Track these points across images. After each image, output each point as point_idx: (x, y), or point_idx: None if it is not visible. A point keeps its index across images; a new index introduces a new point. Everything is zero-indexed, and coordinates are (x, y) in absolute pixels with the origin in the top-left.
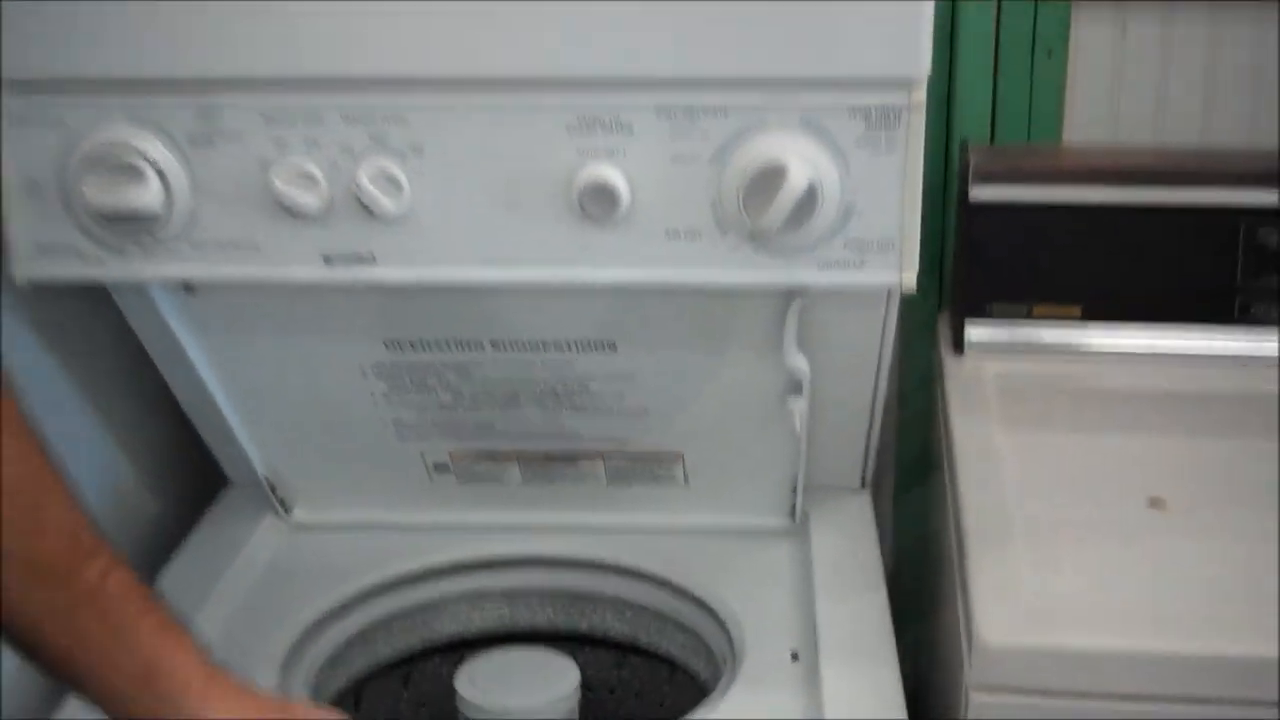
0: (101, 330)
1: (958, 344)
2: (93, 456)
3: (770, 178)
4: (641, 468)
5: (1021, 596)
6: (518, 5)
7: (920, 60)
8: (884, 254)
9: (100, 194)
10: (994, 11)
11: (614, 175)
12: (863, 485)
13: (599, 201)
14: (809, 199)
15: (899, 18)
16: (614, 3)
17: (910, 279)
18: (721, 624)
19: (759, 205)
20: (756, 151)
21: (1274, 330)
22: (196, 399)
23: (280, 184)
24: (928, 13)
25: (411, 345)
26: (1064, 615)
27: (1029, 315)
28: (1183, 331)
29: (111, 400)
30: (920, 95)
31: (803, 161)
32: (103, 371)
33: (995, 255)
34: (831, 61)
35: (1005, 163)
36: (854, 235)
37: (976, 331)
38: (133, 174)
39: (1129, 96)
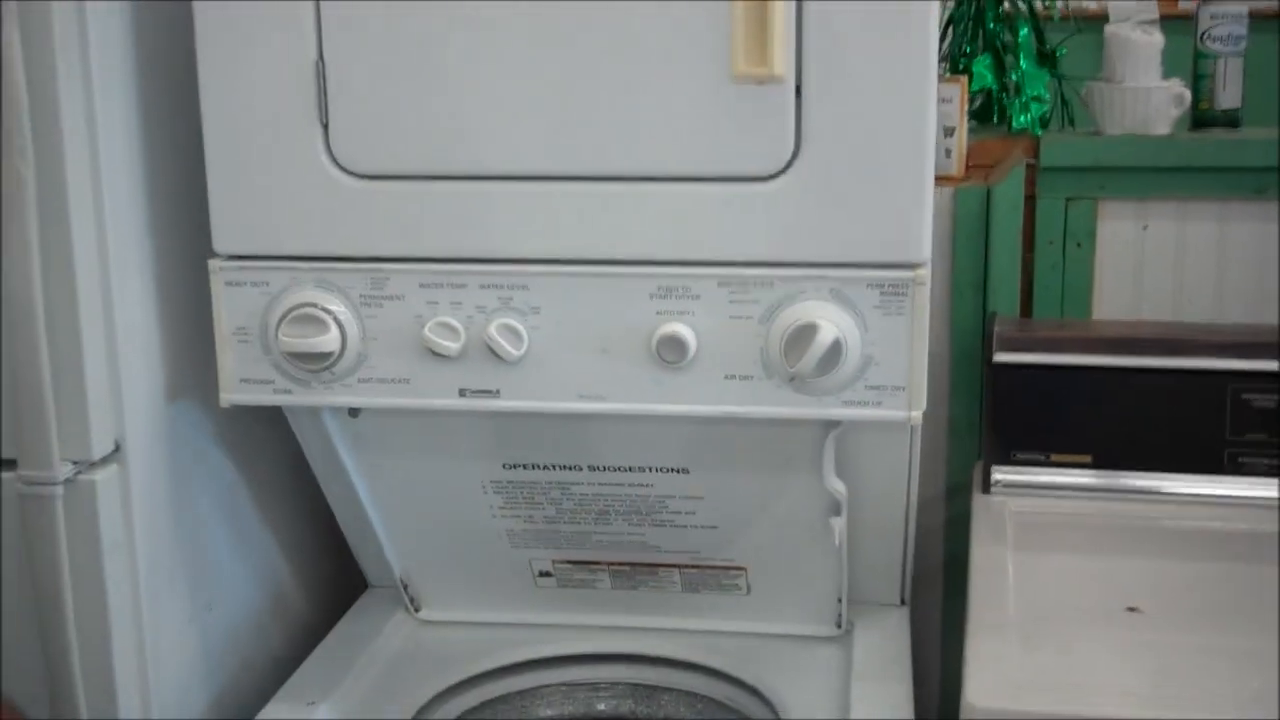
0: (272, 452)
1: (985, 485)
2: (260, 560)
3: (805, 334)
4: (710, 578)
5: (1006, 670)
6: (611, 204)
7: (921, 250)
8: (897, 395)
9: (292, 339)
10: (1024, 208)
11: (684, 331)
12: (902, 602)
13: (672, 350)
14: (835, 351)
15: (904, 220)
16: (684, 204)
17: (917, 416)
18: (774, 710)
19: (796, 355)
20: (794, 314)
21: (1260, 479)
22: (349, 508)
23: (429, 334)
24: (927, 217)
25: (523, 466)
26: (1041, 686)
27: (1047, 462)
28: (1179, 478)
29: (277, 511)
30: (923, 273)
31: (830, 322)
32: (271, 486)
33: (1018, 411)
34: (853, 249)
35: (1026, 332)
36: (872, 380)
37: (1002, 474)
38: (318, 324)
39: (1150, 279)
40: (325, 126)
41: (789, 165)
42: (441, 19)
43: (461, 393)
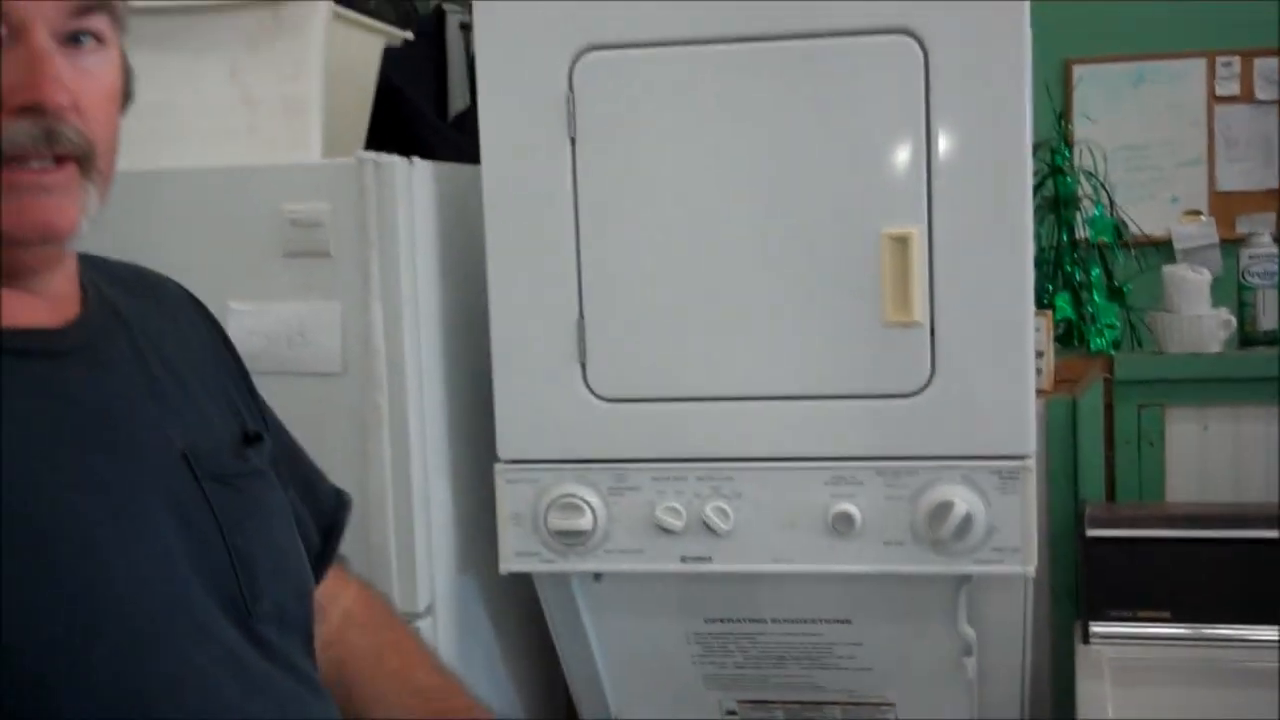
0: (518, 612)
1: (1085, 637)
2: (502, 696)
3: (943, 509)
4: (866, 713)
5: None
6: (794, 416)
7: (1028, 444)
8: (1014, 554)
9: (558, 521)
10: (1104, 415)
11: (852, 509)
12: None
13: (843, 524)
14: (966, 522)
15: (1014, 423)
16: (849, 415)
17: (1031, 569)
18: None
19: (937, 525)
20: (935, 494)
21: None
22: (579, 657)
23: (659, 515)
24: (1032, 420)
25: (721, 620)
26: None
27: (1135, 618)
28: (1244, 628)
29: (518, 661)
30: (1030, 462)
31: (962, 500)
32: (513, 637)
33: (1109, 576)
34: (977, 445)
35: (1111, 513)
36: (995, 543)
37: (1098, 628)
38: (577, 510)
39: (1212, 470)
40: (583, 365)
41: (926, 385)
42: (672, 292)
43: (682, 559)
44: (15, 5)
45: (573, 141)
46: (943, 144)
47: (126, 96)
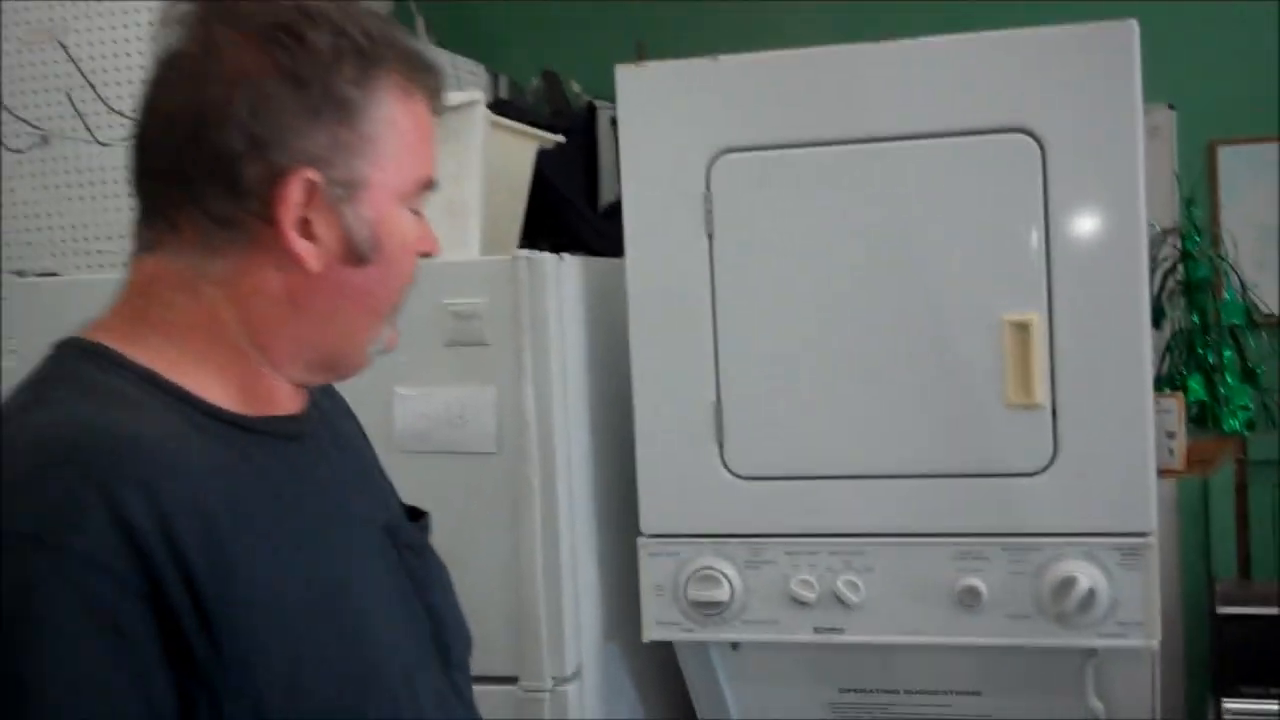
0: (660, 678)
1: (1217, 714)
2: None
3: (1067, 584)
4: None
5: None
6: (923, 494)
7: (1150, 521)
8: (1138, 629)
9: (697, 592)
10: (1236, 492)
11: (978, 583)
12: None
13: (970, 597)
14: (1090, 597)
15: (1135, 502)
16: (975, 493)
17: (1155, 643)
18: None
19: (1061, 599)
20: (1059, 569)
21: None
22: None
23: (794, 587)
24: (1153, 498)
25: (855, 690)
26: None
27: (1268, 695)
28: None
29: None
30: (1152, 539)
31: (1085, 575)
32: (658, 709)
33: (1240, 653)
34: (1099, 522)
35: (1242, 590)
36: (1119, 618)
37: (1230, 705)
38: (715, 582)
39: None
40: (720, 444)
41: (1049, 465)
42: (804, 376)
43: (815, 630)
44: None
45: (710, 237)
46: (1060, 234)
47: None
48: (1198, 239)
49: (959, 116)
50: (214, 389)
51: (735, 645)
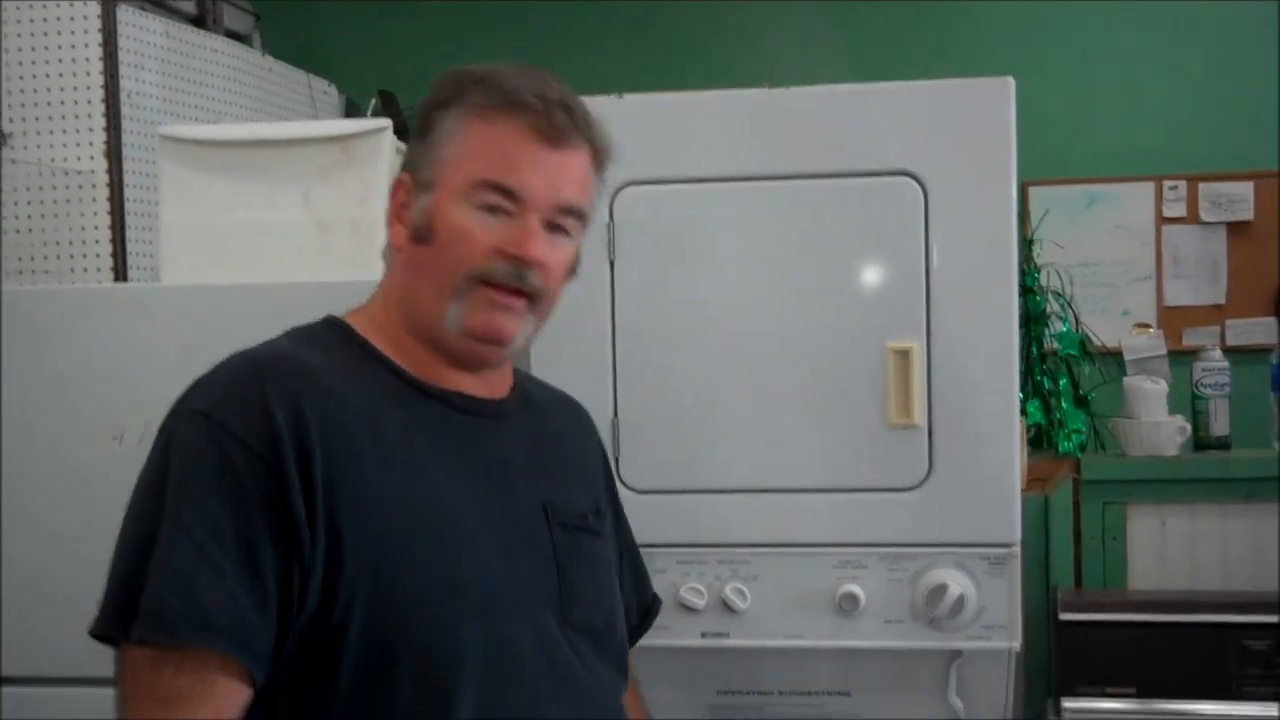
0: None
1: (1057, 712)
2: None
3: (939, 591)
4: None
5: None
6: (806, 506)
7: (1014, 534)
8: (1002, 631)
9: None
10: (1072, 511)
11: (857, 589)
12: None
13: (849, 603)
14: (960, 602)
15: (1001, 515)
16: (855, 506)
17: (1016, 645)
18: None
19: (933, 605)
20: (931, 577)
21: (1260, 703)
22: None
23: (684, 594)
24: (1017, 513)
25: (733, 692)
26: None
27: (1103, 694)
28: (1201, 704)
29: None
30: (1015, 549)
31: (956, 582)
32: None
33: (1078, 656)
34: (969, 533)
35: (1080, 599)
36: (985, 621)
37: (1069, 705)
38: None
39: (1170, 562)
40: (616, 459)
41: (924, 480)
42: (697, 396)
43: (703, 635)
44: (531, 195)
45: (611, 264)
46: (940, 269)
47: (573, 271)
48: (1036, 275)
49: (850, 159)
50: (405, 359)
51: None
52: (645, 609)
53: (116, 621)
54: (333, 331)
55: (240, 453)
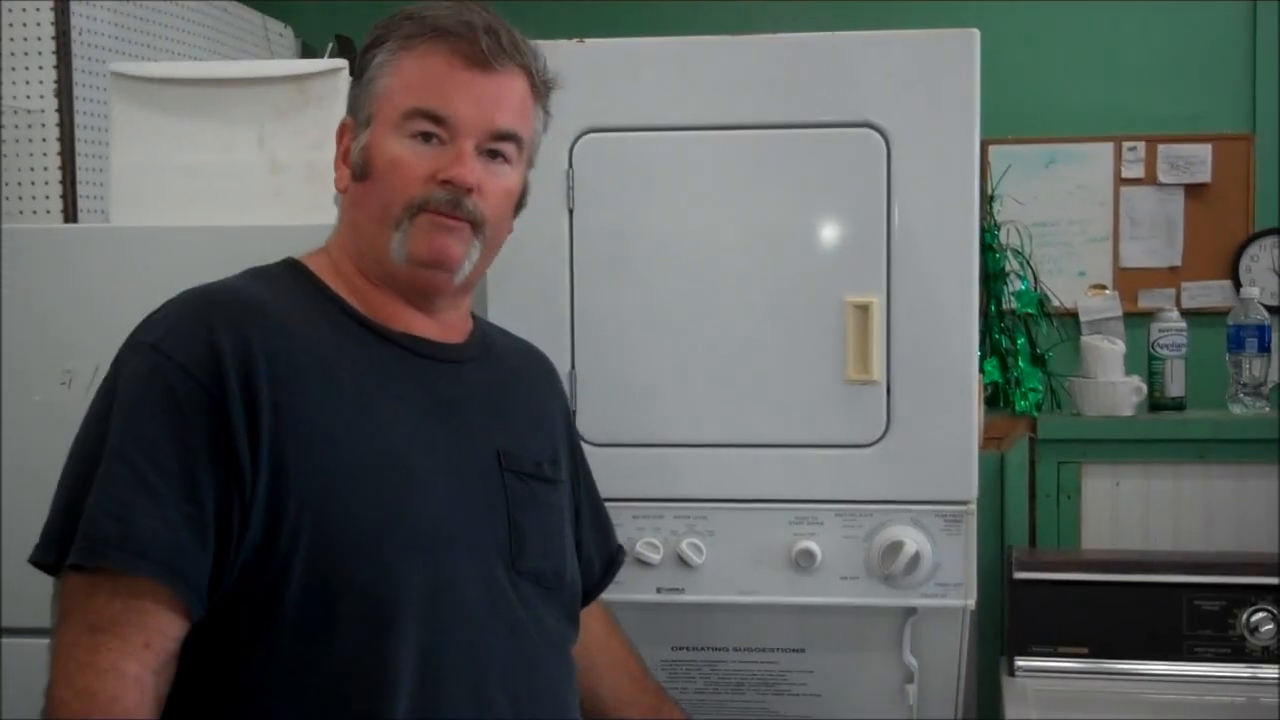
0: None
1: (1010, 671)
2: None
3: (894, 548)
4: None
5: None
6: (764, 462)
7: (971, 491)
8: (957, 589)
9: None
10: (1028, 469)
11: (813, 546)
12: None
13: (805, 559)
14: (915, 559)
15: (958, 472)
16: (813, 462)
17: (971, 603)
18: None
19: (889, 562)
20: (887, 534)
21: (1211, 664)
22: None
23: (640, 549)
24: (974, 470)
25: (686, 648)
26: None
27: (1055, 653)
28: (1153, 663)
29: None
30: (972, 507)
31: (911, 540)
32: None
33: (1032, 615)
34: (926, 490)
35: (1035, 558)
36: (940, 579)
37: (1022, 663)
38: None
39: (1123, 521)
40: (574, 412)
41: (882, 437)
42: (655, 349)
43: (658, 590)
44: (460, 120)
45: (570, 212)
46: (901, 223)
47: (521, 203)
48: (996, 232)
49: (812, 110)
50: (358, 300)
51: None
52: (609, 560)
53: (54, 548)
54: (290, 273)
55: (184, 382)
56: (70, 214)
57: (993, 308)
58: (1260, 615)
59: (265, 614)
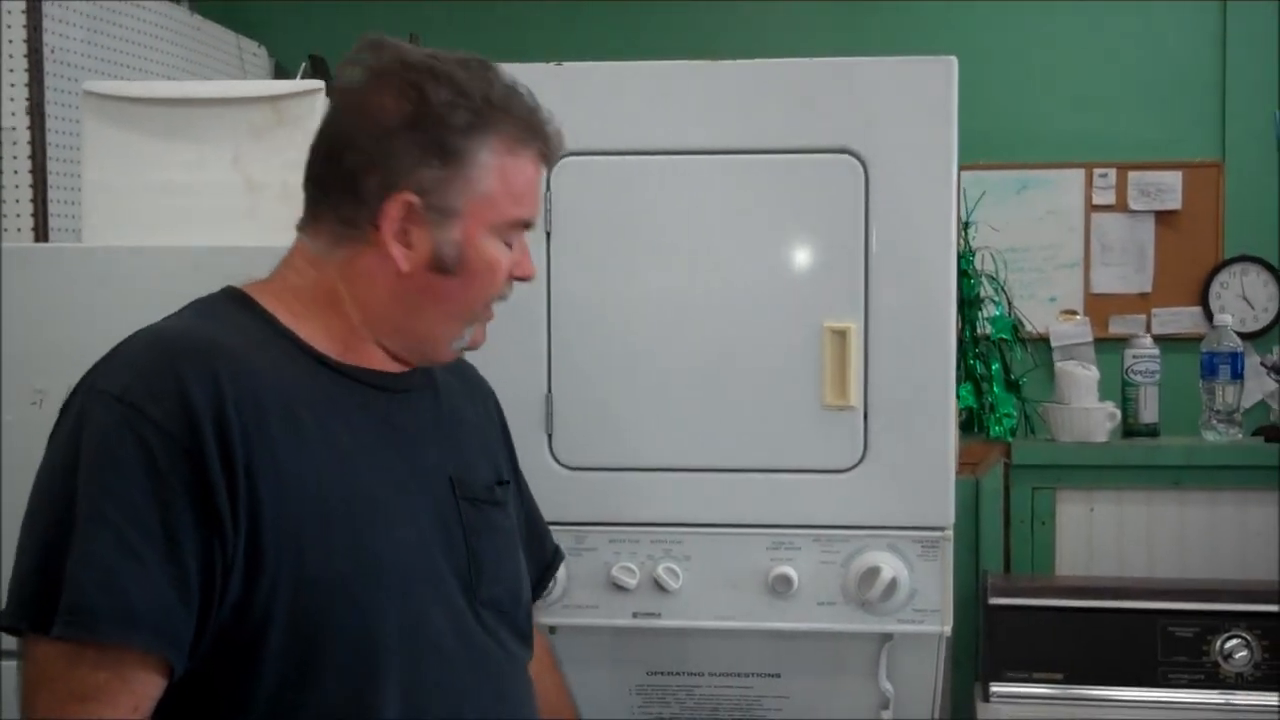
0: None
1: (985, 697)
2: None
3: (871, 573)
4: None
5: None
6: (740, 487)
7: (948, 517)
8: (934, 615)
9: None
10: (1003, 495)
11: (790, 571)
12: None
13: (782, 584)
14: (892, 585)
15: (935, 499)
16: (790, 487)
17: (948, 629)
18: None
19: (865, 587)
20: (864, 560)
21: (1184, 690)
22: None
23: (615, 573)
24: (950, 496)
25: (662, 673)
26: None
27: (1030, 679)
28: (1126, 689)
29: None
30: (949, 533)
31: (889, 566)
32: None
33: (1007, 640)
34: (903, 517)
35: (1010, 584)
36: (917, 605)
37: (997, 689)
38: None
39: (1097, 547)
40: (549, 435)
41: (859, 462)
42: (632, 373)
43: (634, 615)
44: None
45: (548, 235)
46: (878, 248)
47: None
48: (970, 258)
49: (791, 135)
50: (319, 338)
51: (552, 629)
52: (544, 565)
53: (31, 614)
54: (234, 305)
55: (160, 440)
56: (42, 233)
57: (967, 333)
58: (1234, 642)
59: (245, 667)
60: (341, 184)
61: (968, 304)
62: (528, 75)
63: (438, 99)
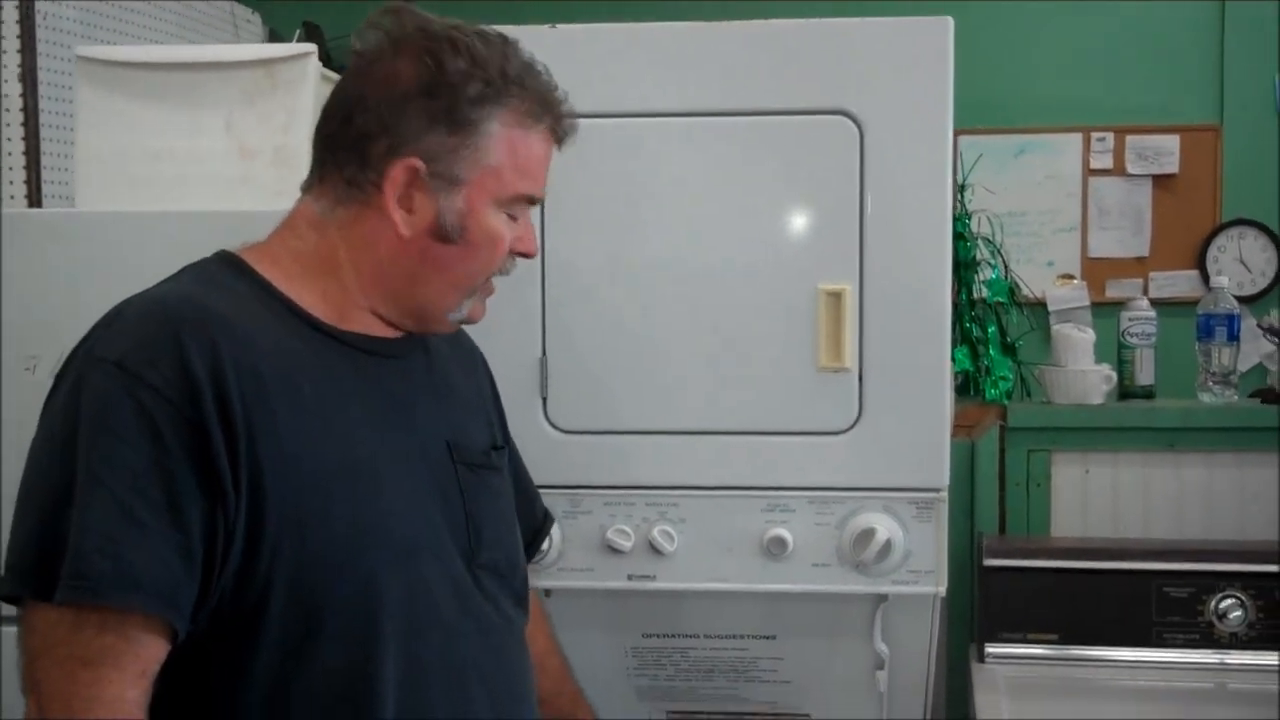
0: None
1: (980, 657)
2: None
3: (866, 535)
4: None
5: None
6: (735, 450)
7: (943, 478)
8: (928, 576)
9: None
10: (998, 457)
11: (785, 533)
12: None
13: (777, 547)
14: (887, 546)
15: (931, 460)
16: (785, 449)
17: (942, 590)
18: None
19: (860, 549)
20: (859, 521)
21: (1179, 650)
22: None
23: (610, 536)
24: (946, 457)
25: (658, 635)
26: None
27: (1025, 639)
28: (1121, 649)
29: None
30: (943, 494)
31: (883, 527)
32: None
33: (1003, 601)
34: (898, 478)
35: (1005, 545)
36: (911, 566)
37: (992, 649)
38: None
39: (1092, 509)
40: (544, 399)
41: (854, 424)
42: (627, 335)
43: (629, 577)
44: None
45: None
46: (874, 210)
47: None
48: (967, 221)
49: (785, 97)
50: (314, 303)
51: (548, 592)
52: (535, 529)
53: (33, 582)
54: (231, 270)
55: (160, 406)
56: (35, 199)
57: (963, 296)
58: (1228, 602)
59: (247, 634)
60: (350, 145)
61: (964, 267)
62: (521, 38)
63: (454, 68)
